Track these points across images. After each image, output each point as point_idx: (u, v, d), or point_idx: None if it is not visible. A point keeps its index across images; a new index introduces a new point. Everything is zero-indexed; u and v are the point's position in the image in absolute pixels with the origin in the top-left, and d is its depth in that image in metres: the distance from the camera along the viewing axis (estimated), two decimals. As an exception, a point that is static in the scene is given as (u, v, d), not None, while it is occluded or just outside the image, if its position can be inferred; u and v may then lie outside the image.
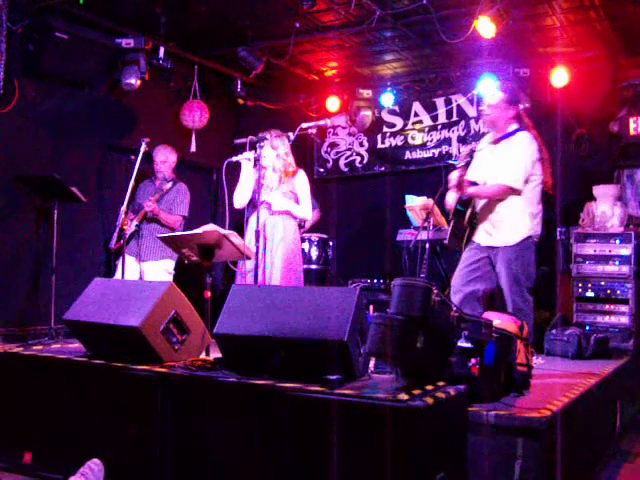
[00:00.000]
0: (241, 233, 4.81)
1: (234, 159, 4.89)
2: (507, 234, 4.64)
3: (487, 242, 4.74)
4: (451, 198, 4.87)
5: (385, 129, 8.49)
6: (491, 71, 7.23)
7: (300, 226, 5.72)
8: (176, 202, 6.08)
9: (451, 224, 5.03)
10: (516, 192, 4.55)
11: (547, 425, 2.90)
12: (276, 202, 5.17)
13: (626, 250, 6.24)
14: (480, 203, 4.80)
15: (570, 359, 5.10)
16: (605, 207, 6.49)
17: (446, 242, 5.16)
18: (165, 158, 6.16)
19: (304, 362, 3.12)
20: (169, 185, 6.00)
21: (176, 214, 6.06)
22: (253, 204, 5.15)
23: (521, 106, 5.02)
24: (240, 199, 5.22)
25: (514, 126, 4.73)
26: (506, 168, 4.59)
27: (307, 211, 5.34)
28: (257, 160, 4.87)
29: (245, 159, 4.96)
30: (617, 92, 6.89)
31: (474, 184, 4.74)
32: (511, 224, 4.63)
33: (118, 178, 6.44)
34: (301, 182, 5.31)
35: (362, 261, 8.09)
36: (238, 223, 5.40)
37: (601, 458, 4.10)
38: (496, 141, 4.82)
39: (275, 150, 5.18)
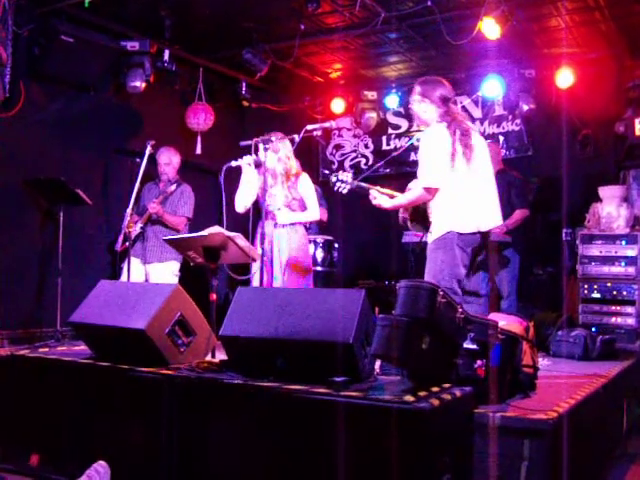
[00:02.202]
0: (246, 235, 4.82)
1: (233, 164, 4.85)
2: (433, 230, 4.51)
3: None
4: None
5: (390, 131, 8.49)
6: (496, 72, 7.23)
7: (306, 227, 5.70)
8: (180, 203, 6.09)
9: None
10: (433, 191, 4.30)
11: (553, 427, 2.89)
12: (281, 217, 5.15)
13: (632, 251, 6.23)
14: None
15: (576, 360, 5.08)
16: (611, 208, 6.47)
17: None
18: (168, 160, 6.17)
19: (310, 364, 3.11)
20: (173, 187, 6.00)
21: (180, 215, 6.07)
22: (259, 213, 5.14)
23: (458, 105, 4.73)
24: (242, 203, 5.19)
25: (434, 120, 4.42)
26: (419, 169, 4.40)
27: (314, 214, 5.31)
28: (258, 164, 4.85)
29: (245, 163, 4.95)
30: (622, 93, 6.87)
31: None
32: (433, 220, 4.42)
33: (123, 180, 6.46)
34: (305, 186, 5.27)
35: (368, 263, 8.08)
36: (243, 224, 5.40)
37: (608, 460, 4.09)
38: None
39: (276, 153, 5.15)
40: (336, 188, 4.72)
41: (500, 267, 6.16)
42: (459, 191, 4.31)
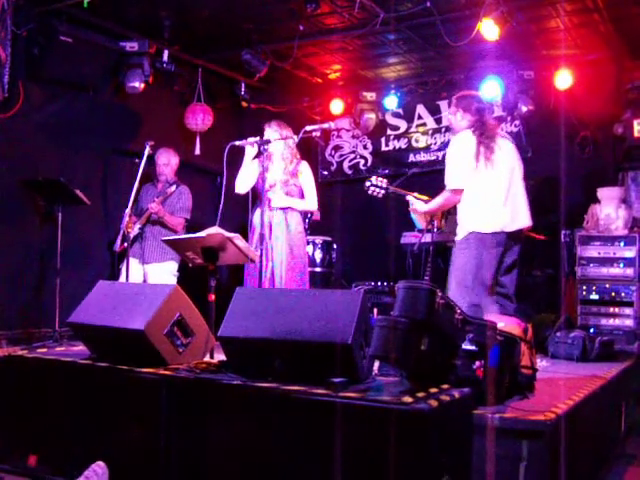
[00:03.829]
0: (244, 234, 4.82)
1: (237, 143, 4.92)
2: (458, 232, 4.62)
3: None
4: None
5: (389, 132, 8.49)
6: (495, 74, 7.23)
7: (305, 229, 5.72)
8: (179, 204, 6.09)
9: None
10: (459, 192, 4.52)
11: (552, 428, 2.90)
12: (276, 200, 5.19)
13: (630, 252, 6.23)
14: None
15: (575, 362, 5.07)
16: (609, 209, 6.48)
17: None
18: (167, 161, 6.17)
19: (308, 365, 3.11)
20: (172, 188, 6.00)
21: (179, 216, 6.07)
22: (256, 199, 5.17)
23: (496, 117, 5.02)
24: (242, 185, 5.24)
25: (465, 128, 4.67)
26: (445, 174, 4.61)
27: (312, 203, 5.40)
28: (261, 147, 4.88)
29: (249, 144, 4.99)
30: (621, 94, 6.88)
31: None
32: (459, 222, 4.62)
33: (122, 181, 6.45)
34: (305, 173, 5.35)
35: (366, 264, 8.07)
36: (242, 224, 5.41)
37: (606, 461, 4.09)
38: None
39: (281, 138, 5.19)
40: (371, 192, 4.92)
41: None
42: (480, 192, 4.46)
